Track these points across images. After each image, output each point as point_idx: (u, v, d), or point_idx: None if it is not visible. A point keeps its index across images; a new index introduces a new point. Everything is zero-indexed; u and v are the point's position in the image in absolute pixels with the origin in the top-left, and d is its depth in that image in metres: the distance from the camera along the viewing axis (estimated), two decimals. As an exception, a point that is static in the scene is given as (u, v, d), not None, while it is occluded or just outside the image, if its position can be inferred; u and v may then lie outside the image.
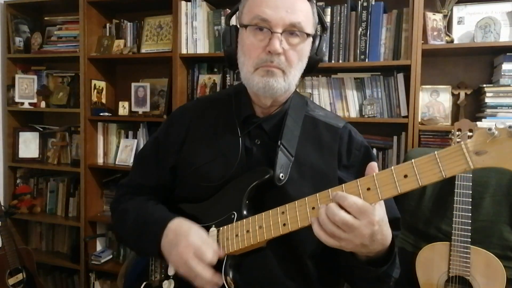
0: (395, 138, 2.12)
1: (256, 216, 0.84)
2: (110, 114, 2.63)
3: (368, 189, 0.70)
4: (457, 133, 1.68)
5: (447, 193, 1.70)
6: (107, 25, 2.65)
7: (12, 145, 2.81)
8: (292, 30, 0.87)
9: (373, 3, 2.09)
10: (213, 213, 0.91)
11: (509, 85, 1.92)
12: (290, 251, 0.91)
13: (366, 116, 2.12)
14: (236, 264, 0.87)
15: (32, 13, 2.87)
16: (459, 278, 1.56)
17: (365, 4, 2.09)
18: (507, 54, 1.92)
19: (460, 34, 2.05)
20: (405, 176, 0.68)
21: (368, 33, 2.09)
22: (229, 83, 2.40)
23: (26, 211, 2.78)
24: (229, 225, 0.87)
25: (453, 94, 2.12)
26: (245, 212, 0.88)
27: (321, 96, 2.24)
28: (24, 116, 2.88)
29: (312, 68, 0.97)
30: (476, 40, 1.95)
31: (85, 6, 2.51)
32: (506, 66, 1.93)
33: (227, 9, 2.32)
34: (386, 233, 0.76)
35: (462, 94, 2.11)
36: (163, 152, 1.04)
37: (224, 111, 1.02)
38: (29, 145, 2.84)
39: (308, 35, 0.90)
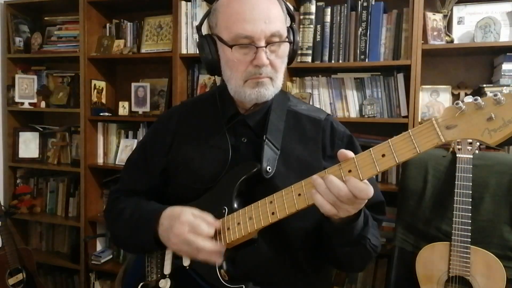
0: (395, 138, 2.12)
1: (246, 208, 0.86)
2: (110, 114, 2.63)
3: (350, 171, 0.74)
4: (457, 133, 1.67)
5: (447, 193, 1.70)
6: (107, 25, 2.65)
7: (12, 145, 2.80)
8: (273, 41, 0.89)
9: (373, 3, 2.09)
10: (206, 209, 0.92)
11: (509, 85, 1.92)
12: (282, 242, 0.94)
13: (366, 116, 2.12)
14: (230, 257, 0.89)
15: (32, 13, 2.87)
16: (459, 278, 1.56)
17: (365, 4, 2.09)
18: (507, 54, 1.92)
19: (460, 34, 2.05)
20: (383, 155, 0.71)
21: (368, 33, 2.09)
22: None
23: (26, 211, 2.78)
24: (221, 220, 0.89)
25: (453, 94, 2.12)
26: (236, 206, 0.90)
27: (321, 96, 2.24)
28: (24, 116, 2.88)
29: (292, 60, 1.00)
30: (476, 40, 1.95)
31: (85, 6, 2.51)
32: (506, 66, 1.93)
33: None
34: None
35: (462, 94, 2.11)
36: (151, 156, 1.06)
37: (209, 112, 1.04)
38: (29, 145, 2.84)
39: (287, 37, 0.93)
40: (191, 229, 0.85)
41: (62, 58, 2.72)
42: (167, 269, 0.95)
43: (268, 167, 0.91)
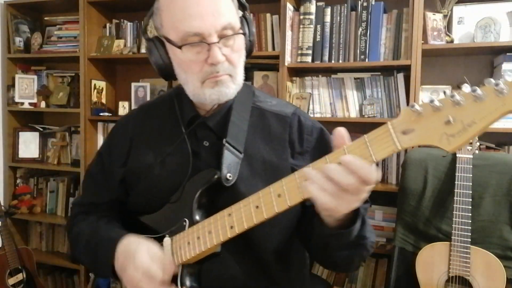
0: (395, 138, 2.12)
1: (205, 221, 0.82)
2: (110, 114, 2.63)
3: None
4: (457, 133, 1.67)
5: (447, 193, 1.70)
6: (107, 25, 2.65)
7: (12, 145, 2.80)
8: (226, 34, 0.83)
9: (373, 3, 2.09)
10: (167, 222, 0.88)
11: (509, 85, 1.91)
12: (250, 251, 0.89)
13: (366, 116, 2.12)
14: (194, 273, 0.85)
15: (32, 13, 2.87)
16: (459, 278, 1.56)
17: (365, 4, 2.09)
18: (507, 54, 1.92)
19: (460, 34, 2.05)
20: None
21: (368, 33, 2.09)
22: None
23: (26, 211, 2.78)
24: (181, 233, 0.85)
25: (453, 94, 2.12)
26: (197, 218, 0.85)
27: (321, 96, 2.24)
28: (24, 116, 2.88)
29: (250, 53, 0.94)
30: (476, 40, 1.95)
31: (85, 6, 2.51)
32: (506, 66, 1.92)
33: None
34: None
35: (462, 94, 2.11)
36: (109, 167, 1.01)
37: (167, 116, 0.98)
38: (29, 145, 2.84)
39: (240, 29, 0.87)
40: (145, 275, 0.80)
41: (62, 58, 2.72)
42: None
43: (228, 174, 0.85)
